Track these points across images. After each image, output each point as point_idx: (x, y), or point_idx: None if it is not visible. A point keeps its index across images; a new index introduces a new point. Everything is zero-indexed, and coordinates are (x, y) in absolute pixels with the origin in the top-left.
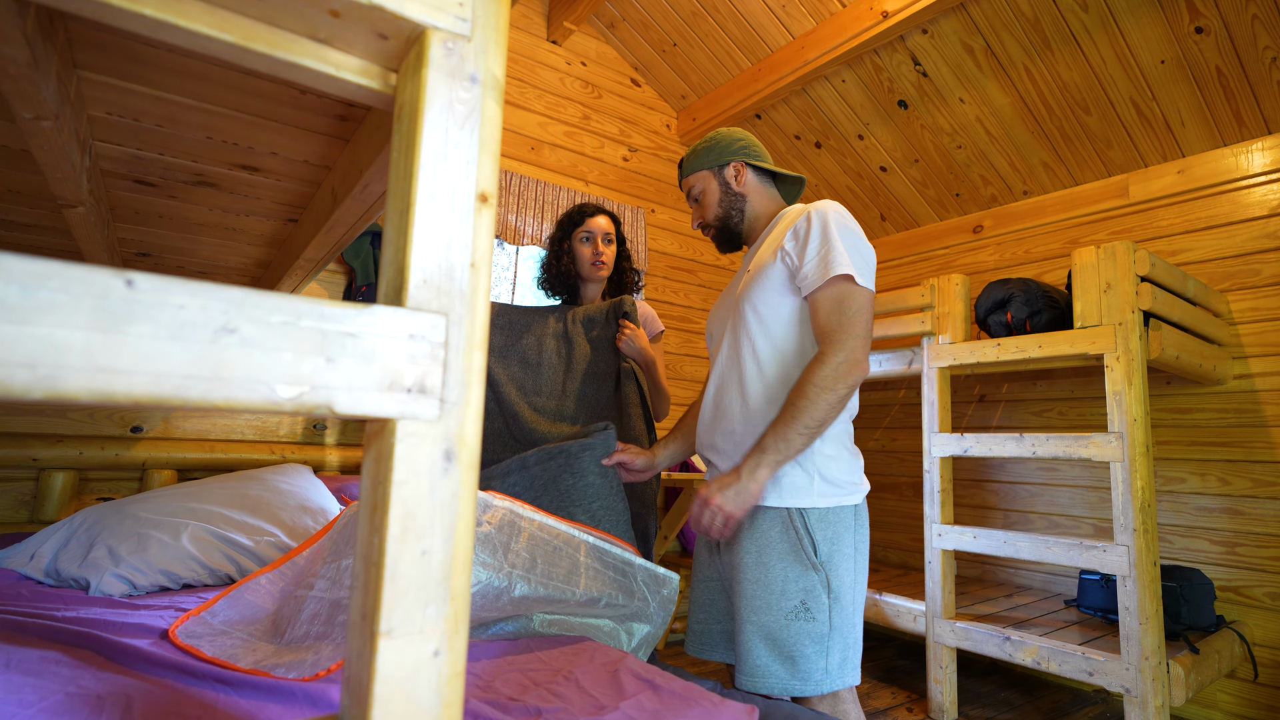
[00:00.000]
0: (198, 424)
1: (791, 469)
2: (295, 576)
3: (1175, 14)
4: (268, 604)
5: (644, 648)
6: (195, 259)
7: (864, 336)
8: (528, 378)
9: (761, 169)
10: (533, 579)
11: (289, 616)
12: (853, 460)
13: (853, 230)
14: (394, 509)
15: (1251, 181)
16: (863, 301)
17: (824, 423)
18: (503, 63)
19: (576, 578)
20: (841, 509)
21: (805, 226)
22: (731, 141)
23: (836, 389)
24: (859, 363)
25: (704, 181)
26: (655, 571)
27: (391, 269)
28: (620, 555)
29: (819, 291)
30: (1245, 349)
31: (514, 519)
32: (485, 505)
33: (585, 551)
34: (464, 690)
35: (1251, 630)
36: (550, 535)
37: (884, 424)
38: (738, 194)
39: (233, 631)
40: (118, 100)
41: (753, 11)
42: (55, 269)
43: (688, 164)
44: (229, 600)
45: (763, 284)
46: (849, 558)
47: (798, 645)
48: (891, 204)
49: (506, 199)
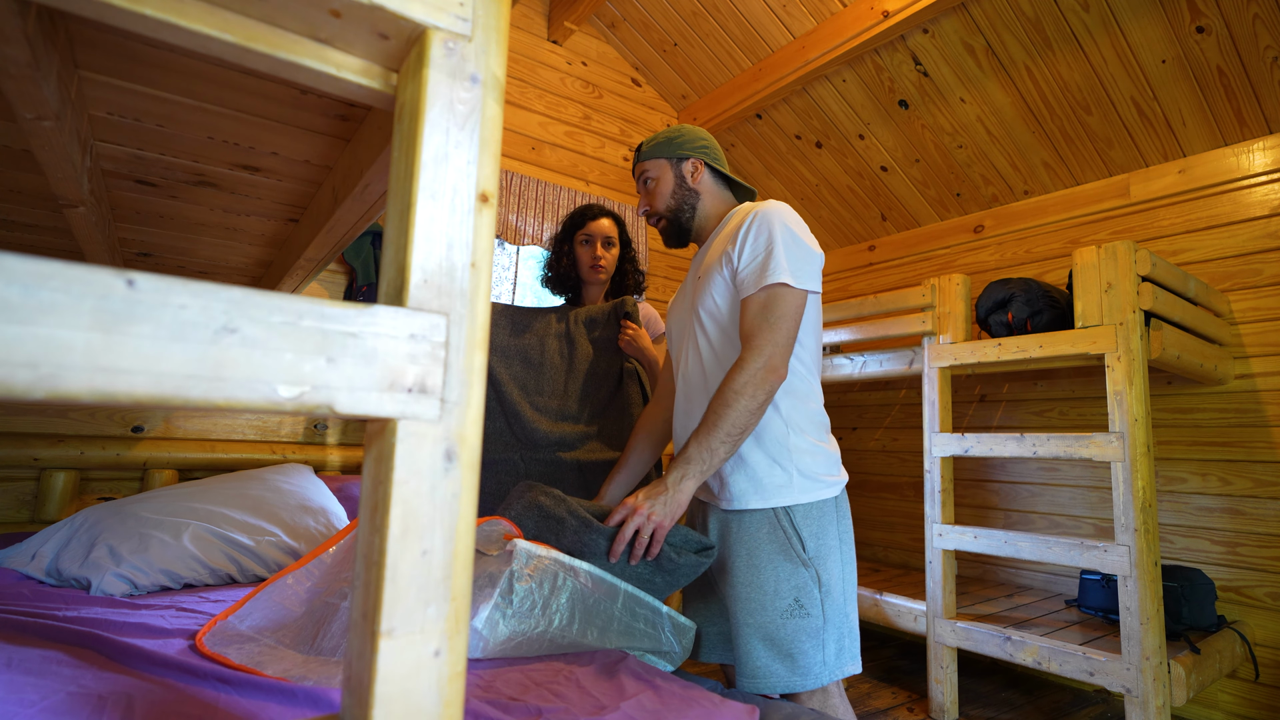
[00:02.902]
0: (199, 424)
1: (770, 468)
2: (323, 576)
3: (1176, 13)
4: (295, 606)
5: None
6: (196, 259)
7: (784, 342)
8: (530, 377)
9: (718, 172)
10: (568, 636)
11: (320, 623)
12: (829, 453)
13: (794, 232)
14: (395, 509)
15: (1253, 181)
16: (791, 305)
17: (745, 429)
18: (503, 63)
19: (610, 634)
20: (824, 503)
21: (747, 230)
22: (695, 139)
23: (755, 395)
24: (776, 369)
25: (659, 170)
26: (679, 621)
27: (392, 269)
28: (651, 604)
29: (752, 297)
30: (1246, 349)
31: (556, 570)
32: (528, 556)
33: (622, 602)
34: (464, 690)
35: (1252, 630)
36: (592, 586)
37: (885, 424)
38: (692, 190)
39: (260, 638)
40: (119, 100)
41: (753, 11)
42: (56, 269)
43: (646, 149)
44: (256, 603)
45: (711, 289)
46: (835, 550)
47: (795, 642)
48: (892, 204)
49: (507, 199)
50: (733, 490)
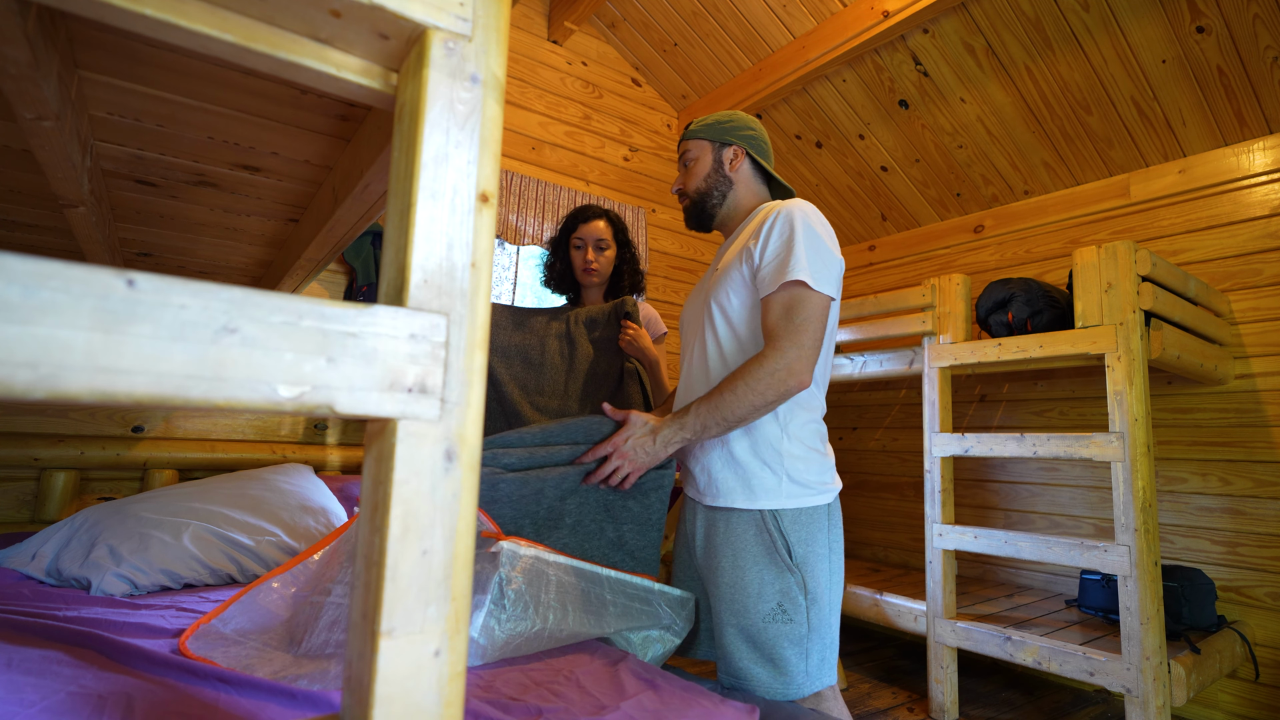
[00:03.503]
0: (199, 424)
1: (760, 470)
2: (309, 580)
3: (1176, 13)
4: (281, 609)
5: (664, 658)
6: (196, 259)
7: (810, 346)
8: (530, 377)
9: (758, 165)
10: (565, 628)
11: (305, 623)
12: (822, 460)
13: (817, 234)
14: (395, 509)
15: (1253, 181)
16: (815, 309)
17: (743, 419)
18: (504, 62)
19: (606, 616)
20: (814, 509)
21: (770, 227)
22: (743, 126)
23: (765, 394)
24: (797, 373)
25: (700, 150)
26: (672, 594)
27: (392, 269)
28: (640, 585)
29: (773, 295)
30: (1246, 349)
31: (541, 566)
32: (513, 557)
33: (609, 587)
34: (465, 690)
35: (1253, 630)
36: (576, 577)
37: (885, 424)
38: (726, 177)
39: (246, 640)
40: (119, 100)
41: (753, 11)
42: (56, 269)
43: (694, 128)
44: (240, 606)
45: (728, 283)
46: (824, 558)
47: (777, 647)
48: (892, 204)
49: (507, 199)
50: (720, 487)
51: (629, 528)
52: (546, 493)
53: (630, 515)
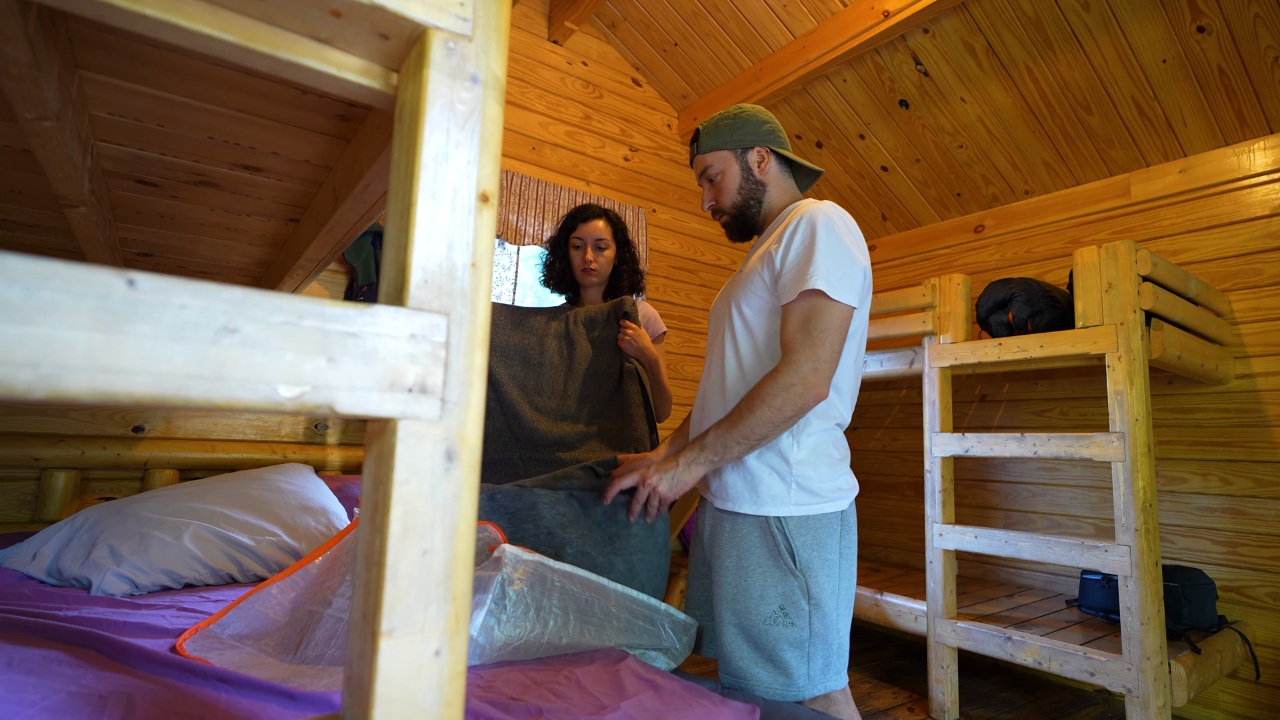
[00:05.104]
0: (199, 424)
1: (769, 477)
2: (308, 586)
3: (1177, 13)
4: (278, 615)
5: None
6: (197, 259)
7: (827, 359)
8: (529, 377)
9: (783, 157)
10: (565, 636)
11: (302, 632)
12: (833, 468)
13: (839, 239)
14: (395, 509)
15: (1253, 181)
16: (833, 319)
17: (764, 437)
18: (504, 62)
19: (607, 629)
20: (825, 516)
21: (792, 232)
22: (758, 122)
23: (783, 409)
24: (814, 386)
25: (724, 163)
26: (678, 618)
27: (393, 269)
28: (646, 602)
29: (792, 304)
30: (1247, 349)
31: (544, 571)
32: (516, 561)
33: (615, 601)
34: (465, 690)
35: (1253, 630)
36: (581, 586)
37: (885, 424)
38: (759, 182)
39: (242, 646)
40: (119, 100)
41: (754, 11)
42: (57, 269)
43: (707, 139)
44: (239, 612)
45: (751, 288)
46: (832, 564)
47: (777, 650)
48: (893, 203)
49: (507, 199)
50: (729, 491)
51: (639, 557)
52: (541, 510)
53: (638, 543)
